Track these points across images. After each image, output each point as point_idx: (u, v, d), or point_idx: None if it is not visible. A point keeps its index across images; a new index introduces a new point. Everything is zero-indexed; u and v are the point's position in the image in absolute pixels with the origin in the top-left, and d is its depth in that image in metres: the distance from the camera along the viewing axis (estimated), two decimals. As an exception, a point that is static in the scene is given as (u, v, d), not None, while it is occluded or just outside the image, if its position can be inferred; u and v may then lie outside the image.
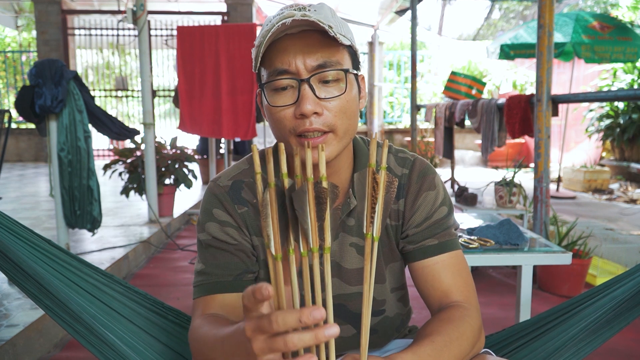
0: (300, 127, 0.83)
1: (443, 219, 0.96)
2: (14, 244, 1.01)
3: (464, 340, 0.83)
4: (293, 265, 0.63)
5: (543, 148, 2.73)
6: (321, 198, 0.62)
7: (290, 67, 0.82)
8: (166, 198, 4.23)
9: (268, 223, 0.62)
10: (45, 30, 8.12)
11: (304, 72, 0.83)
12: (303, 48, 0.82)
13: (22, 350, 1.94)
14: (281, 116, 0.84)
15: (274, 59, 0.83)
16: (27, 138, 8.78)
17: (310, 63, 0.82)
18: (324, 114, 0.83)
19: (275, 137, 0.90)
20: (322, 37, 0.83)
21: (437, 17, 12.27)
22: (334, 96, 0.84)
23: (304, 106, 0.81)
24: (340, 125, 0.85)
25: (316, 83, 0.83)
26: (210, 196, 0.96)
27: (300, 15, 0.80)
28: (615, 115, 6.68)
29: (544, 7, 2.65)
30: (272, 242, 0.63)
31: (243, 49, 4.23)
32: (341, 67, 0.85)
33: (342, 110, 0.85)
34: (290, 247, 0.63)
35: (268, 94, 0.85)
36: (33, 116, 2.70)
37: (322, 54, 0.83)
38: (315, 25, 0.80)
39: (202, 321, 0.87)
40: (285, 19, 0.80)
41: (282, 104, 0.84)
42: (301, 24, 0.81)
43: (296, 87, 0.83)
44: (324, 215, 0.62)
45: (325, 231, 0.63)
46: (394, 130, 9.74)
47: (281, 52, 0.83)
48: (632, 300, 0.94)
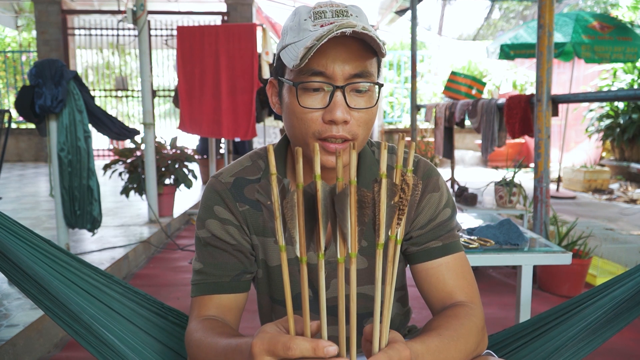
0: (326, 132, 0.83)
1: (447, 220, 0.96)
2: (14, 244, 1.00)
3: (470, 337, 0.83)
4: (322, 269, 0.62)
5: (543, 148, 2.73)
6: (364, 202, 0.61)
7: (327, 71, 0.82)
8: (166, 198, 4.23)
9: (294, 225, 0.61)
10: (45, 30, 8.12)
11: (340, 79, 0.82)
12: (344, 55, 0.82)
13: (22, 350, 1.94)
14: (308, 118, 0.84)
15: (312, 60, 0.82)
16: (27, 138, 8.78)
17: (348, 71, 0.82)
18: (350, 123, 0.84)
19: (291, 136, 0.89)
20: (361, 46, 0.83)
21: (437, 17, 12.27)
22: (364, 107, 0.85)
23: (336, 113, 0.82)
24: (362, 135, 0.86)
25: (348, 91, 0.84)
26: (211, 192, 0.95)
27: (361, 28, 0.79)
28: (615, 115, 6.68)
29: (544, 7, 2.65)
30: (297, 244, 0.61)
31: (243, 49, 4.23)
32: (374, 79, 0.85)
33: (366, 121, 0.86)
34: (320, 252, 0.61)
35: (299, 92, 0.84)
36: (33, 116, 2.70)
37: (360, 64, 0.83)
38: (364, 36, 0.80)
39: (198, 325, 0.87)
40: (345, 27, 0.78)
41: (312, 107, 0.84)
42: (355, 34, 0.79)
43: (328, 92, 0.83)
44: (365, 220, 0.61)
45: (381, 227, 0.61)
46: (394, 130, 9.74)
47: (320, 54, 0.82)
48: (632, 300, 0.94)
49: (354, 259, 0.62)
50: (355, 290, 0.63)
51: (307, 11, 0.86)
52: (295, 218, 0.61)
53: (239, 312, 0.95)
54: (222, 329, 0.85)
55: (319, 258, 0.61)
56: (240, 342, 0.72)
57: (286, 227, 0.61)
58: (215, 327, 0.85)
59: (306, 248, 0.62)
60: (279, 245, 0.62)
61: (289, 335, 0.61)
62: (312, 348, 0.59)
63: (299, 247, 0.61)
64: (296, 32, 0.85)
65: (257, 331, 0.67)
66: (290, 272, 0.93)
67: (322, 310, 0.62)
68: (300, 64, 0.81)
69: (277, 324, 0.66)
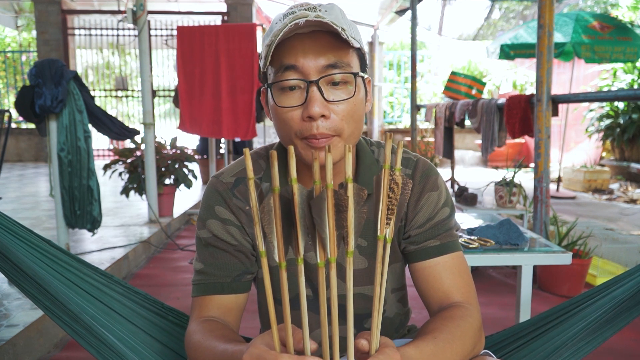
0: (307, 131, 0.82)
1: (445, 219, 0.96)
2: (14, 244, 1.00)
3: (466, 338, 0.82)
4: (302, 275, 0.61)
5: (543, 148, 2.73)
6: (341, 206, 0.59)
7: (297, 64, 0.81)
8: (166, 198, 4.23)
9: (272, 230, 0.60)
10: (45, 30, 8.12)
11: (313, 73, 0.81)
12: (313, 48, 0.81)
13: (22, 350, 1.93)
14: (287, 117, 0.83)
15: (283, 57, 0.82)
16: (27, 138, 8.77)
17: (320, 64, 0.81)
18: (331, 117, 0.82)
19: (280, 138, 0.89)
20: (332, 39, 0.82)
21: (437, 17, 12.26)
22: (342, 99, 0.83)
23: (312, 108, 0.80)
24: (347, 129, 0.84)
25: (324, 85, 0.82)
26: (212, 192, 0.95)
27: (314, 16, 0.79)
28: (615, 115, 6.68)
29: (544, 7, 2.65)
30: (275, 249, 0.60)
31: (243, 49, 4.23)
32: (351, 69, 0.83)
33: (350, 114, 0.83)
34: (299, 257, 0.60)
35: (275, 93, 0.84)
36: (33, 116, 2.70)
37: (332, 56, 0.82)
38: (328, 27, 0.79)
39: (197, 326, 0.87)
40: (298, 18, 0.78)
41: (289, 105, 0.83)
42: (313, 25, 0.79)
43: (304, 89, 0.82)
44: (344, 224, 0.59)
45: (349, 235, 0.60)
46: (394, 130, 9.74)
47: (290, 50, 0.81)
48: (632, 300, 0.94)
49: (350, 259, 0.61)
50: (352, 290, 0.63)
51: (279, 15, 0.86)
52: (273, 223, 0.60)
53: (240, 312, 0.95)
54: (221, 332, 0.85)
55: (298, 263, 0.61)
56: (235, 350, 0.73)
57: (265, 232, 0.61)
58: (214, 330, 0.85)
59: (303, 249, 0.62)
60: (259, 251, 0.62)
61: (275, 353, 0.62)
62: None
63: (277, 252, 0.61)
64: (267, 37, 0.85)
65: (249, 344, 0.68)
66: (291, 272, 0.93)
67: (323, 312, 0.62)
68: (266, 62, 0.81)
69: (269, 335, 0.67)
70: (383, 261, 0.64)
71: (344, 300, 0.96)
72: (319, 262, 0.61)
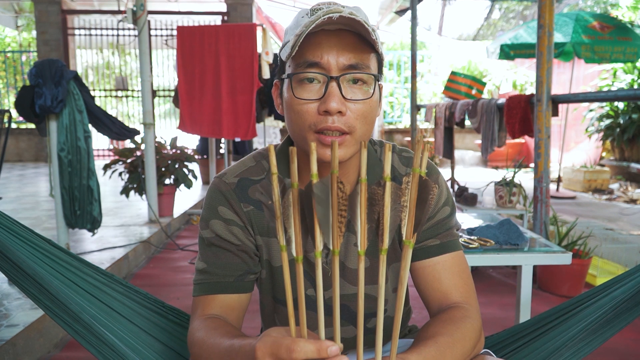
0: (321, 123, 0.82)
1: (446, 219, 0.96)
2: (14, 244, 1.00)
3: (466, 341, 0.83)
4: (319, 267, 0.61)
5: (543, 148, 2.73)
6: (374, 199, 0.60)
7: (322, 61, 0.82)
8: (166, 198, 4.23)
9: (290, 224, 0.61)
10: (45, 30, 8.12)
11: (334, 69, 0.82)
12: (338, 45, 0.82)
13: (22, 350, 1.94)
14: (303, 109, 0.83)
15: (306, 51, 0.83)
16: (27, 138, 8.78)
17: (343, 62, 0.82)
18: (347, 115, 0.83)
19: (290, 131, 0.89)
20: (357, 40, 0.83)
21: (437, 17, 12.26)
22: (360, 99, 0.83)
23: (330, 103, 0.81)
24: (359, 129, 0.84)
25: (344, 83, 0.83)
26: (215, 192, 0.95)
27: (348, 12, 0.79)
28: (615, 115, 6.68)
29: (544, 7, 2.65)
30: (293, 243, 0.61)
31: (243, 49, 4.22)
32: (371, 72, 0.84)
33: (364, 114, 0.84)
34: (317, 250, 0.61)
35: (294, 85, 0.84)
36: (33, 116, 2.70)
37: (355, 55, 0.83)
38: (358, 26, 0.80)
39: (200, 324, 0.87)
40: (332, 13, 0.79)
41: (307, 98, 0.83)
42: (345, 21, 0.80)
43: (324, 83, 0.83)
44: (378, 217, 0.60)
45: (385, 231, 0.60)
46: (394, 130, 9.74)
47: (315, 45, 0.82)
48: (632, 300, 0.94)
49: (362, 257, 0.62)
50: (363, 290, 0.63)
51: (305, 10, 0.87)
52: (291, 217, 0.61)
53: (242, 312, 0.95)
54: (225, 329, 0.84)
55: (316, 256, 0.61)
56: (244, 344, 0.72)
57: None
58: (218, 327, 0.85)
59: (321, 245, 0.62)
60: (280, 245, 0.62)
61: (291, 338, 0.62)
62: (316, 349, 0.59)
63: (295, 246, 0.61)
64: (293, 30, 0.86)
65: (262, 334, 0.67)
66: (294, 272, 0.93)
67: (320, 308, 0.62)
68: (292, 52, 0.81)
69: (281, 328, 0.67)
70: (406, 267, 0.64)
71: (345, 300, 0.96)
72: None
